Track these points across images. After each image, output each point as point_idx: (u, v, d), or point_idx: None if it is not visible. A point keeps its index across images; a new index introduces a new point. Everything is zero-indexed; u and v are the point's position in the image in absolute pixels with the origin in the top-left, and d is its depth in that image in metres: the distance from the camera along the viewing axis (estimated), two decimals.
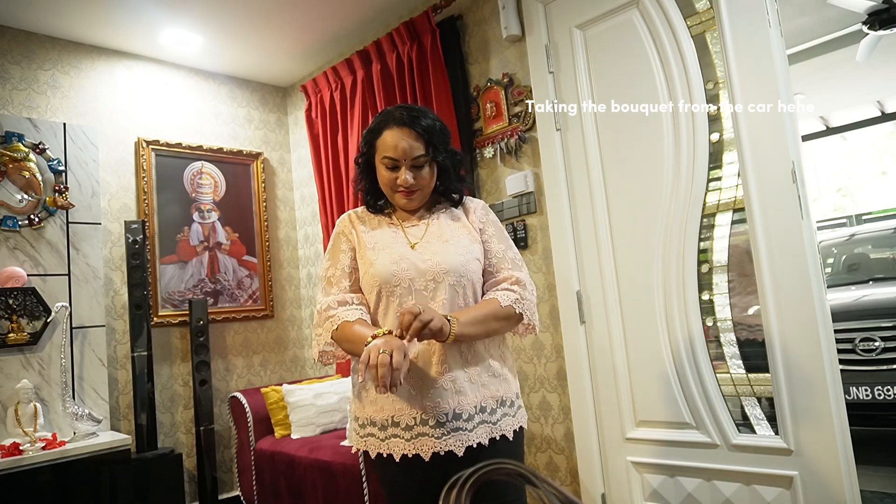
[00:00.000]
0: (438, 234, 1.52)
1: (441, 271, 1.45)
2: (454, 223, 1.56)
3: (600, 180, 2.52)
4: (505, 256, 1.53)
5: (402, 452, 1.40)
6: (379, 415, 1.44)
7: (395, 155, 1.48)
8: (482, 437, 1.41)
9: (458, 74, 3.03)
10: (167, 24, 3.27)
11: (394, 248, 1.50)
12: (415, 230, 1.55)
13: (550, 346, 2.69)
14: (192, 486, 3.42)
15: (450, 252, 1.47)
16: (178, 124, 3.72)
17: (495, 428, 1.44)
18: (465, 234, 1.54)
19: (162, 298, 3.49)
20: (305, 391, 3.24)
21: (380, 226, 1.58)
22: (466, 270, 1.47)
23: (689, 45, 2.28)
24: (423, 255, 1.47)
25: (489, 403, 1.45)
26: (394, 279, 1.45)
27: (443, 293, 1.44)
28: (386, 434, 1.43)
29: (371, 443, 1.46)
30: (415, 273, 1.45)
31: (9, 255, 2.90)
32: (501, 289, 1.48)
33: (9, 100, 3.13)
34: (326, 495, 2.69)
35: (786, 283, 2.00)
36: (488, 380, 1.46)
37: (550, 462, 2.69)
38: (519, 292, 1.47)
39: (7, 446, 2.58)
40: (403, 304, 1.43)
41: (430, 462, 1.39)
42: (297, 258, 4.18)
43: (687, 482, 2.25)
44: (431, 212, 1.59)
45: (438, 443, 1.38)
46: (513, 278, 1.50)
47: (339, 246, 1.57)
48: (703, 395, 2.22)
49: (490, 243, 1.55)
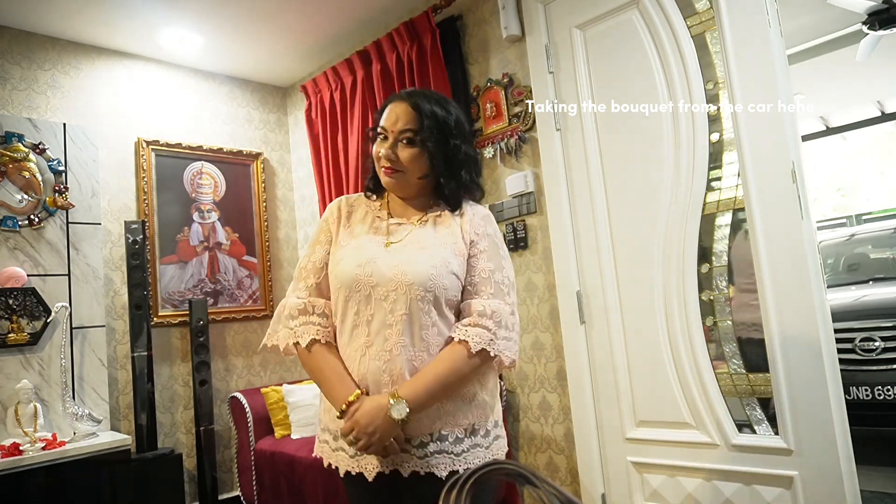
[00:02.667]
0: (419, 239, 1.37)
1: (405, 282, 1.28)
2: (444, 230, 1.39)
3: (600, 180, 2.52)
4: (490, 278, 1.34)
5: (346, 468, 1.34)
6: (333, 424, 1.37)
7: (384, 124, 1.38)
8: (437, 468, 1.26)
9: (458, 74, 3.03)
10: (167, 24, 3.27)
11: (365, 248, 1.36)
12: (400, 229, 1.40)
13: (550, 346, 2.69)
14: (192, 486, 3.42)
15: (421, 262, 1.30)
16: (178, 124, 3.72)
17: (458, 460, 1.28)
18: (450, 244, 1.35)
19: (162, 298, 3.49)
20: (305, 391, 3.24)
21: (366, 217, 1.45)
22: (434, 285, 1.29)
23: (689, 45, 2.28)
24: (392, 261, 1.32)
25: (452, 432, 1.29)
26: (355, 284, 1.31)
27: (402, 307, 1.28)
28: (336, 445, 1.37)
29: (325, 450, 1.41)
30: (378, 279, 1.30)
31: (9, 256, 2.89)
32: (474, 325, 1.29)
33: (9, 100, 3.13)
34: (326, 495, 2.69)
35: (786, 283, 2.00)
36: (454, 406, 1.30)
37: (550, 462, 2.69)
38: (493, 330, 1.28)
39: (7, 446, 2.58)
40: (360, 312, 1.31)
41: (376, 482, 1.30)
42: (297, 258, 4.17)
43: (687, 482, 2.25)
44: (426, 213, 1.43)
45: (383, 463, 1.28)
46: (488, 311, 1.29)
47: (318, 236, 1.47)
48: (703, 395, 2.22)
49: (478, 259, 1.36)
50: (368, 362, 1.29)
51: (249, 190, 3.98)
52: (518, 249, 2.80)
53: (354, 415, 1.25)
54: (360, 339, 1.31)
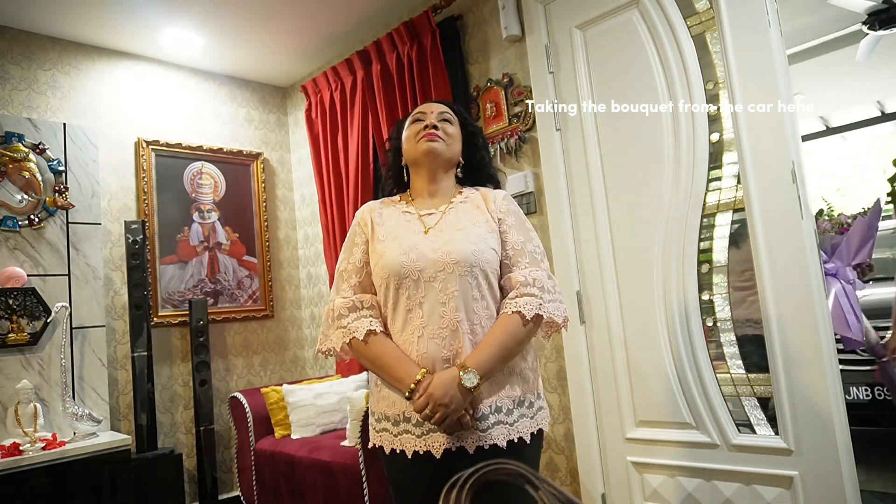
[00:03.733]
0: (454, 221, 1.47)
1: (451, 261, 1.39)
2: (474, 211, 1.50)
3: (600, 180, 2.52)
4: (524, 249, 1.46)
5: (413, 449, 1.38)
6: (391, 410, 1.42)
7: (423, 110, 1.57)
8: (498, 439, 1.35)
9: (458, 74, 3.03)
10: (167, 24, 3.27)
11: (405, 238, 1.45)
12: (430, 218, 1.51)
13: (550, 346, 2.69)
14: (192, 486, 3.42)
15: (462, 240, 1.41)
16: (178, 124, 3.72)
17: (512, 430, 1.37)
18: (483, 223, 1.47)
19: (162, 298, 3.49)
20: (305, 391, 3.24)
21: (395, 214, 1.54)
22: (478, 260, 1.40)
23: (689, 45, 2.28)
24: (433, 244, 1.42)
25: (505, 403, 1.39)
26: (403, 270, 1.40)
27: (453, 284, 1.38)
28: (399, 430, 1.41)
29: (385, 438, 1.44)
30: (424, 263, 1.40)
31: (9, 256, 2.90)
32: (521, 295, 1.39)
33: (9, 100, 3.13)
34: (326, 495, 2.69)
35: (786, 283, 2.00)
36: (504, 378, 1.40)
37: (550, 462, 2.69)
38: (539, 296, 1.38)
39: (7, 446, 2.58)
40: (412, 296, 1.39)
41: (441, 459, 1.35)
42: (297, 258, 4.18)
43: (687, 482, 2.25)
44: (451, 201, 1.53)
45: (450, 439, 1.35)
46: (530, 279, 1.40)
47: (353, 239, 1.55)
48: (703, 395, 2.22)
49: (508, 234, 1.48)
50: (427, 342, 1.37)
51: (249, 190, 3.98)
52: None
53: (427, 389, 1.31)
54: (415, 322, 1.39)
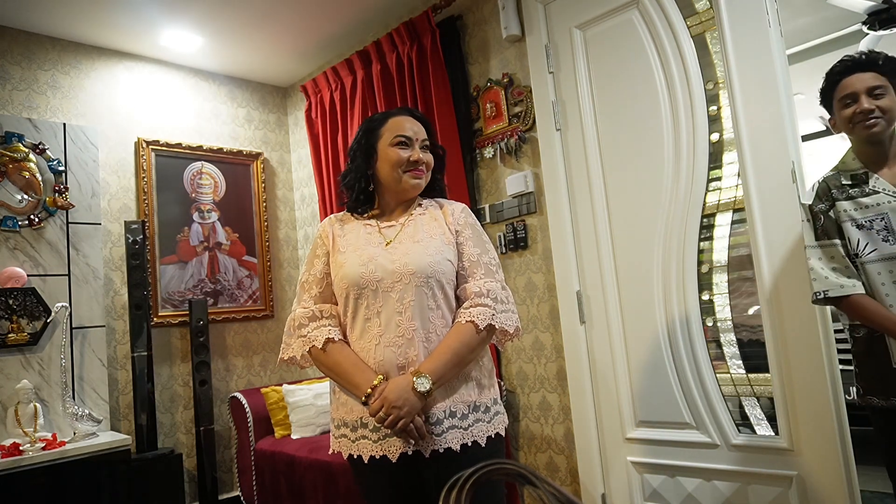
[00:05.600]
0: (412, 234, 1.52)
1: (408, 272, 1.43)
2: (432, 223, 1.54)
3: (600, 180, 2.52)
4: (479, 261, 1.50)
5: (370, 453, 1.42)
6: (349, 416, 1.47)
7: (409, 134, 1.54)
8: (452, 443, 1.39)
9: (458, 74, 3.03)
10: (167, 24, 3.27)
11: (364, 249, 1.50)
12: (390, 230, 1.55)
13: (550, 346, 2.69)
14: (192, 486, 3.42)
15: (419, 252, 1.46)
16: (178, 124, 3.72)
17: (466, 434, 1.41)
18: (440, 235, 1.52)
19: (162, 298, 3.49)
20: (305, 391, 3.24)
21: (356, 227, 1.58)
22: (434, 271, 1.44)
23: (689, 45, 2.28)
24: (391, 255, 1.47)
25: (459, 408, 1.42)
26: (361, 281, 1.45)
27: (410, 295, 1.42)
28: (356, 435, 1.45)
29: (344, 444, 1.48)
30: (382, 273, 1.44)
31: (9, 256, 2.89)
32: (475, 305, 1.44)
33: (9, 100, 3.13)
34: (326, 495, 2.69)
35: (786, 283, 2.00)
36: (459, 384, 1.44)
37: (550, 462, 2.69)
38: (492, 306, 1.44)
39: (7, 446, 2.58)
40: (370, 306, 1.44)
41: (397, 463, 1.39)
42: (297, 258, 4.18)
43: (687, 482, 2.25)
44: (410, 213, 1.58)
45: (406, 444, 1.38)
46: (484, 290, 1.45)
47: (315, 251, 1.59)
48: (703, 395, 2.22)
49: (465, 246, 1.52)
50: (384, 349, 1.41)
51: (249, 190, 3.98)
52: (518, 249, 2.80)
53: (382, 394, 1.35)
54: (372, 331, 1.43)
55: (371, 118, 1.62)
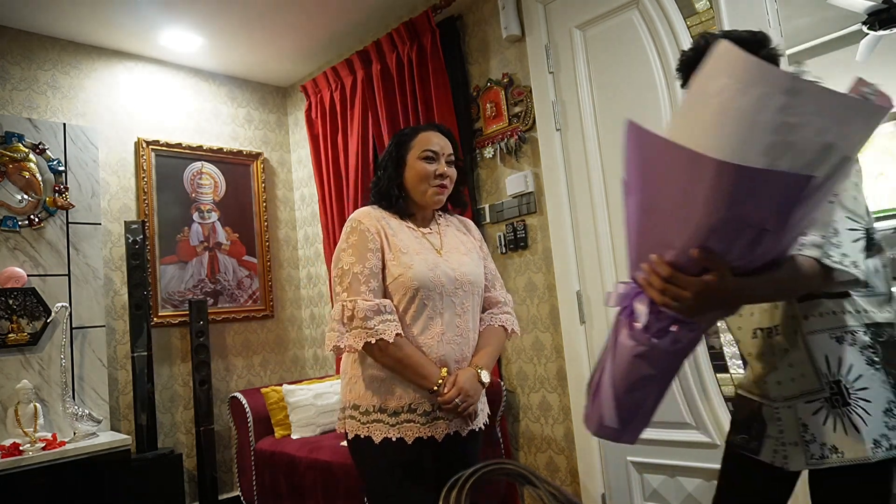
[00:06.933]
0: (456, 245, 1.69)
1: (467, 281, 1.63)
2: (464, 237, 1.75)
3: (600, 180, 2.52)
4: (497, 275, 1.78)
5: (416, 435, 1.54)
6: (393, 403, 1.56)
7: (436, 149, 1.65)
8: (480, 424, 1.68)
9: (458, 74, 3.03)
10: (167, 24, 3.27)
11: (425, 254, 1.61)
12: (433, 238, 1.68)
13: (550, 346, 2.69)
14: (192, 486, 3.42)
15: (471, 264, 1.67)
16: (178, 124, 3.72)
17: (482, 416, 1.70)
18: (475, 250, 1.73)
19: (162, 299, 3.49)
20: (305, 391, 3.24)
21: (402, 228, 1.66)
22: (481, 283, 1.69)
23: (688, 45, 2.28)
24: (450, 264, 1.63)
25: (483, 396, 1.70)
26: (430, 284, 1.57)
27: (468, 300, 1.63)
28: (397, 420, 1.55)
29: (377, 428, 1.55)
30: (446, 279, 1.59)
31: (9, 256, 2.90)
32: (503, 312, 1.73)
33: (9, 100, 3.13)
34: (326, 495, 2.69)
35: None
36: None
37: (550, 462, 2.69)
38: (511, 314, 1.76)
39: (7, 446, 2.58)
40: (434, 307, 1.58)
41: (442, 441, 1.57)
42: (297, 258, 4.18)
43: (687, 482, 2.25)
44: (437, 222, 1.74)
45: (449, 425, 1.57)
46: (506, 300, 1.76)
47: (366, 244, 1.59)
48: (703, 395, 2.22)
49: (487, 261, 1.76)
50: (445, 346, 1.58)
51: (249, 190, 3.98)
52: (518, 249, 2.80)
53: (457, 384, 1.53)
54: (435, 329, 1.58)
55: (402, 132, 1.73)
